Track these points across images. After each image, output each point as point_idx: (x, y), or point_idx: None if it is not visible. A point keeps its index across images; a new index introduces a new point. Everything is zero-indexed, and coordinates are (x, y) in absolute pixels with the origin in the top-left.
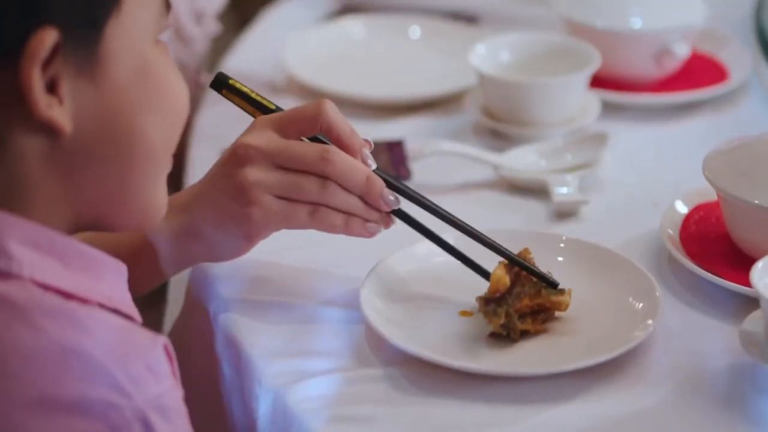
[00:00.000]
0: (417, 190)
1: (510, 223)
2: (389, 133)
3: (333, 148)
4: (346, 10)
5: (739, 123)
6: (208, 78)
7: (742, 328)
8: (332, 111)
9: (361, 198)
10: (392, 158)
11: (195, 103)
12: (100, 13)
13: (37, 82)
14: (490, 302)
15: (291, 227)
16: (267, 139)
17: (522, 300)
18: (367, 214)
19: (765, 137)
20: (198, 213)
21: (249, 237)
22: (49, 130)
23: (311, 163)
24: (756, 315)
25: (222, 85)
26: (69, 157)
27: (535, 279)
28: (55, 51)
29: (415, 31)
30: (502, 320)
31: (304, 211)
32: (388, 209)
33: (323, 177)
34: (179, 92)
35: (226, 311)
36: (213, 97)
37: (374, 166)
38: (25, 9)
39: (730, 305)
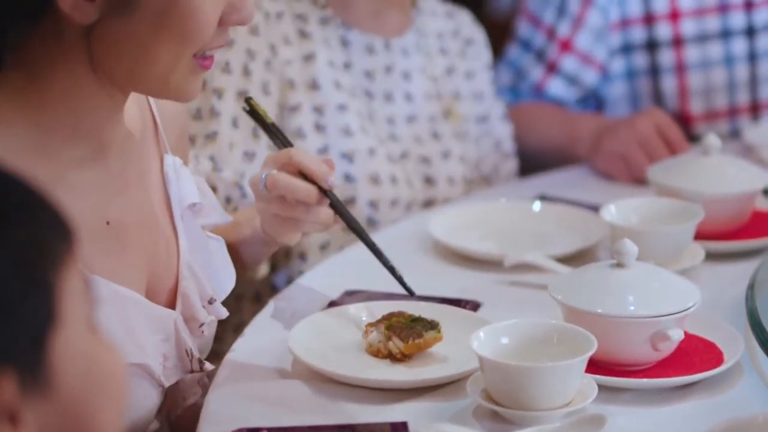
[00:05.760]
0: None
1: None
2: (393, 416)
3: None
4: (350, 296)
5: (733, 404)
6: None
7: None
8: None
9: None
10: None
11: (205, 389)
12: (43, 335)
13: None
14: None
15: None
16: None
17: None
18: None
19: (756, 419)
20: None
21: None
22: None
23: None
24: None
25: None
26: None
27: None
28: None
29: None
30: None
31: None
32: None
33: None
34: (120, 371)
35: None
36: (221, 378)
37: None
38: None
39: None
